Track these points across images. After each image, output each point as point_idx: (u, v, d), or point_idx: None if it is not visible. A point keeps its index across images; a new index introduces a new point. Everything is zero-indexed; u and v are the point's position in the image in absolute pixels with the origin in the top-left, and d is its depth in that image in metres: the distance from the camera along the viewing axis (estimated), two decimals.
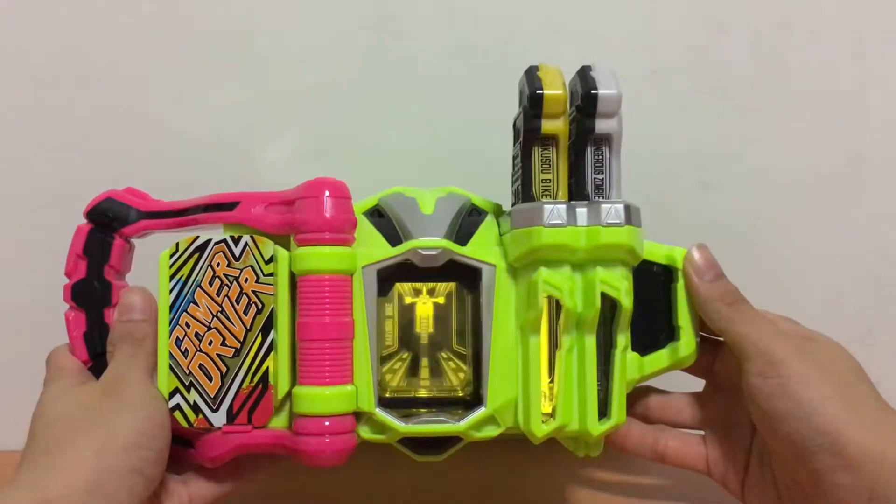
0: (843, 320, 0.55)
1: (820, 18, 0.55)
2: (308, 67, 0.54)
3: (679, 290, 0.40)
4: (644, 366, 0.40)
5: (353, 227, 0.39)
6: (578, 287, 0.38)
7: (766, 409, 0.37)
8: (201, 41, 0.54)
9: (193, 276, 0.39)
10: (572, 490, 0.49)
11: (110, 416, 0.35)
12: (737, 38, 0.55)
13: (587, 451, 0.40)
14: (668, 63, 0.55)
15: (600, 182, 0.38)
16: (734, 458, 0.42)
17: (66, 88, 0.54)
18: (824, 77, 0.55)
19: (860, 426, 0.35)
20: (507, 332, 0.39)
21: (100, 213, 0.40)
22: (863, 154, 0.55)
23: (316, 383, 0.37)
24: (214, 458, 0.39)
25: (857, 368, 0.39)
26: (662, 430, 0.43)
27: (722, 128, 0.55)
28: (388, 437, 0.39)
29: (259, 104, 0.54)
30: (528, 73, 0.38)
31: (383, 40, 0.54)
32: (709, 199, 0.55)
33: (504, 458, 0.48)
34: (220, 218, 0.40)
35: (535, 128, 0.38)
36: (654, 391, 0.45)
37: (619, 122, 0.38)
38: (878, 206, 0.55)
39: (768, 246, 0.55)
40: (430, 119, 0.55)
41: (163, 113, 0.54)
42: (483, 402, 0.39)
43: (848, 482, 0.35)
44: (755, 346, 0.38)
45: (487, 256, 0.39)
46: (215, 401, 0.38)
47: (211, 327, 0.38)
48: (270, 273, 0.38)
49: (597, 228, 0.37)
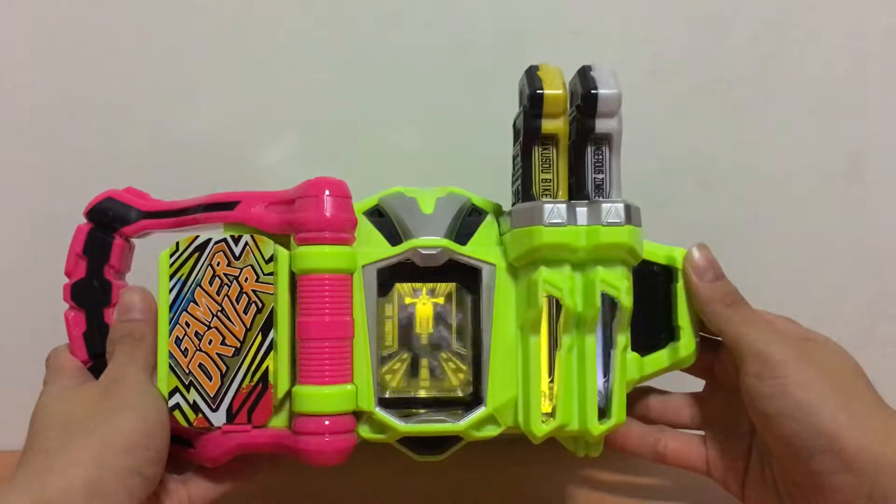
0: (843, 320, 0.55)
1: (820, 18, 0.55)
2: (308, 67, 0.54)
3: (679, 290, 0.40)
4: (644, 366, 0.40)
5: (353, 226, 0.39)
6: (578, 287, 0.38)
7: (764, 411, 0.37)
8: (201, 41, 0.54)
9: (193, 275, 0.39)
10: (572, 490, 0.49)
11: (109, 417, 0.35)
12: (737, 38, 0.55)
13: (587, 451, 0.40)
14: (668, 63, 0.55)
15: (600, 182, 0.38)
16: (734, 459, 0.42)
17: (66, 88, 0.54)
18: (824, 77, 0.55)
19: (858, 427, 0.35)
20: (507, 331, 0.39)
21: (100, 213, 0.40)
22: (862, 154, 0.55)
23: (316, 382, 0.37)
24: (214, 457, 0.39)
25: (855, 369, 0.39)
26: (662, 431, 0.43)
27: (722, 128, 0.55)
28: (387, 437, 0.39)
29: (259, 103, 0.54)
30: (529, 72, 0.38)
31: (383, 40, 0.54)
32: (709, 199, 0.55)
33: (504, 459, 0.48)
34: (221, 217, 0.40)
35: (536, 127, 0.38)
36: (654, 391, 0.45)
37: (619, 122, 0.38)
38: (878, 205, 0.55)
39: (768, 246, 0.55)
40: (430, 119, 0.55)
41: (163, 112, 0.54)
42: (483, 401, 0.39)
43: (847, 483, 0.35)
44: (752, 348, 0.38)
45: (487, 256, 0.39)
46: (215, 400, 0.38)
47: (211, 326, 0.38)
48: (270, 272, 0.38)
49: (597, 228, 0.37)
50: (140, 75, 0.54)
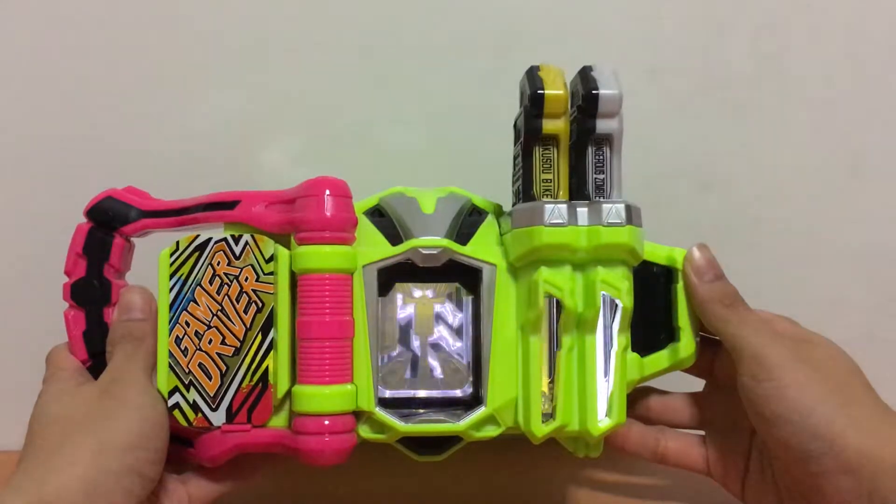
0: (843, 320, 0.54)
1: (820, 18, 0.54)
2: (309, 67, 0.54)
3: (679, 290, 0.40)
4: (644, 366, 0.40)
5: (353, 226, 0.39)
6: (579, 287, 0.38)
7: (762, 413, 0.37)
8: (202, 40, 0.54)
9: (193, 274, 0.39)
10: (572, 490, 0.49)
11: (108, 417, 0.35)
12: (737, 38, 0.55)
13: (587, 451, 0.40)
14: (668, 63, 0.54)
15: (601, 182, 0.38)
16: (734, 459, 0.42)
17: (66, 88, 0.54)
18: (824, 77, 0.55)
19: (857, 428, 0.35)
20: (507, 331, 0.39)
21: (100, 212, 0.40)
22: (862, 154, 0.55)
23: (316, 382, 0.37)
24: (214, 457, 0.39)
25: (854, 369, 0.39)
26: (662, 431, 0.43)
27: (722, 128, 0.55)
28: (387, 437, 0.39)
29: (260, 103, 0.54)
30: (529, 72, 0.38)
31: (384, 40, 0.54)
32: (709, 199, 0.55)
33: (504, 459, 0.48)
34: (221, 217, 0.40)
35: (536, 128, 0.38)
36: (654, 391, 0.45)
37: (620, 122, 0.38)
38: (878, 205, 0.55)
39: (768, 246, 0.55)
40: (430, 119, 0.55)
41: (163, 112, 0.54)
42: (483, 401, 0.38)
43: (847, 485, 0.35)
44: (749, 350, 0.38)
45: (488, 256, 0.39)
46: (215, 400, 0.38)
47: (211, 326, 0.38)
48: (271, 272, 0.38)
49: (598, 228, 0.37)
50: (140, 75, 0.54)
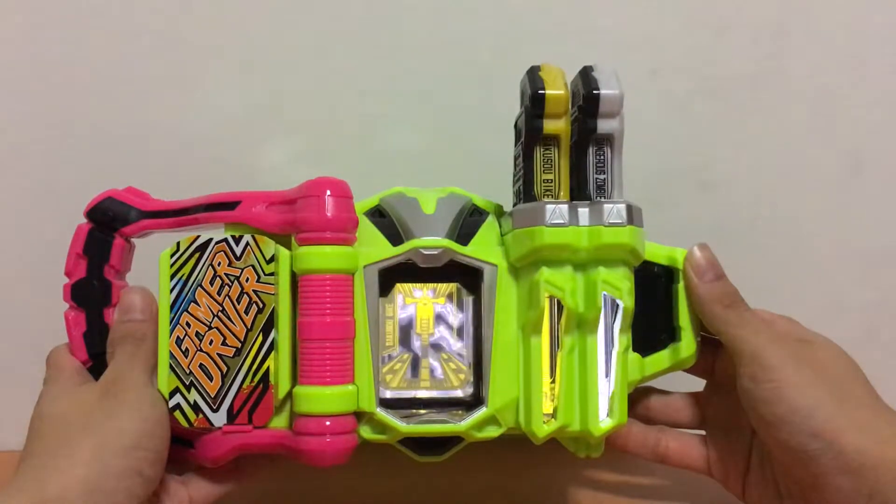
0: (843, 320, 0.54)
1: (820, 18, 0.54)
2: (309, 67, 0.54)
3: (680, 291, 0.40)
4: (645, 366, 0.40)
5: (354, 226, 0.39)
6: (580, 287, 0.38)
7: (761, 414, 0.37)
8: (202, 40, 0.54)
9: (194, 275, 0.39)
10: (573, 491, 0.49)
11: (109, 417, 0.35)
12: (737, 38, 0.55)
13: (588, 451, 0.40)
14: (668, 63, 0.54)
15: (602, 182, 0.38)
16: (735, 458, 0.42)
17: (66, 88, 0.54)
18: (823, 76, 0.55)
19: (857, 429, 0.35)
20: (508, 332, 0.39)
21: (100, 213, 0.40)
22: (862, 154, 0.55)
23: (317, 383, 0.37)
24: (215, 458, 0.39)
25: (853, 370, 0.39)
26: (663, 431, 0.43)
27: (722, 128, 0.55)
28: (389, 437, 0.39)
29: (260, 103, 0.54)
30: (530, 72, 0.38)
31: (384, 40, 0.54)
32: (709, 199, 0.55)
33: (505, 459, 0.48)
34: (221, 217, 0.40)
35: (537, 128, 0.38)
36: (655, 391, 0.45)
37: (620, 122, 0.38)
38: (878, 205, 0.55)
39: (768, 246, 0.55)
40: (431, 119, 0.55)
41: (163, 112, 0.54)
42: (484, 402, 0.38)
43: (847, 485, 0.35)
44: (748, 350, 0.38)
45: (489, 256, 0.39)
46: (216, 400, 0.38)
47: (212, 327, 0.38)
48: (271, 272, 0.38)
49: (599, 228, 0.37)
50: (141, 75, 0.54)
